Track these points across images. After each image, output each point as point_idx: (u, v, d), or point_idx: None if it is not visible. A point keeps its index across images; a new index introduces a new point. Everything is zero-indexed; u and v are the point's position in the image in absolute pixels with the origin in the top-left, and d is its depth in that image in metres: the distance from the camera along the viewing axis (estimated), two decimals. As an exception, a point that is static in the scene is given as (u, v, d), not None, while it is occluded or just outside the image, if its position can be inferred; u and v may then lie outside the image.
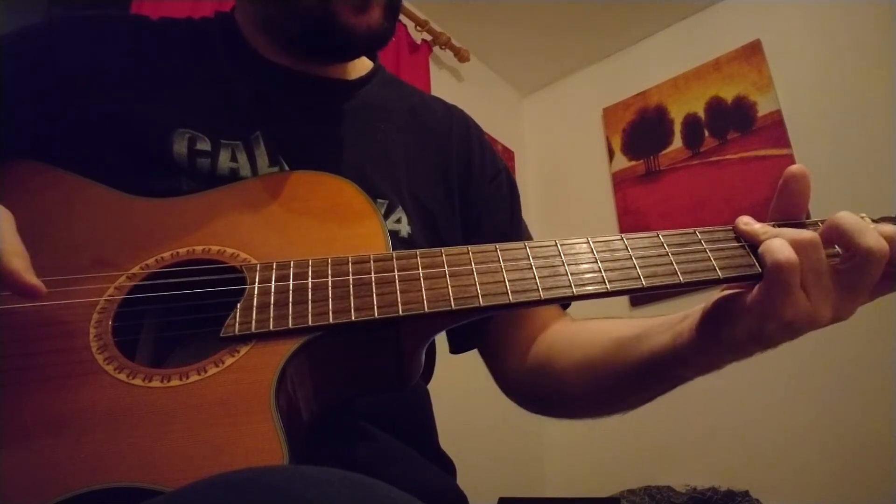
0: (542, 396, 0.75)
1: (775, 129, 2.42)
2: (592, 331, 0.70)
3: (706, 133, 2.61)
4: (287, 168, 0.67)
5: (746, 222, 0.53)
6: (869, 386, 1.94)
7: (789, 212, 0.54)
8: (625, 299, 2.48)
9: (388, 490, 0.37)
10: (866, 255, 0.48)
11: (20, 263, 0.46)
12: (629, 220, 2.68)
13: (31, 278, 0.46)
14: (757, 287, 0.49)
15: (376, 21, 0.67)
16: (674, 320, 0.59)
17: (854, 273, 0.49)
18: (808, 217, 0.54)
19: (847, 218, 0.49)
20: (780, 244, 0.48)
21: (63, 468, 0.42)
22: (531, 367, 0.74)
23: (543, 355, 0.73)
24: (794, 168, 0.53)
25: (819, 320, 0.49)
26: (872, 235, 0.48)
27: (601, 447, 2.34)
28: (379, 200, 0.68)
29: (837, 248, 0.50)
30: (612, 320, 0.70)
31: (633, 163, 2.78)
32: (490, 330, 0.77)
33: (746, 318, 0.50)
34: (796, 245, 0.48)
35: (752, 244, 0.52)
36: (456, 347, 0.80)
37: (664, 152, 2.70)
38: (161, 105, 0.67)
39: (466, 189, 0.79)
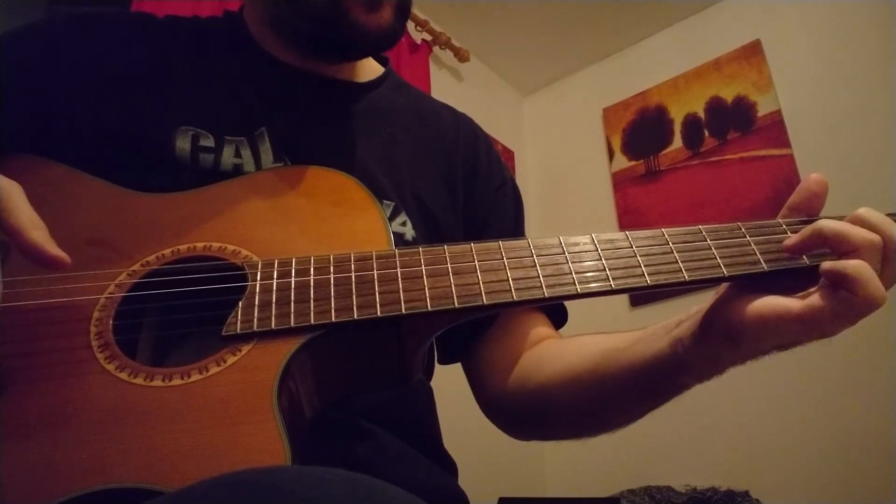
0: (524, 413, 0.72)
1: (775, 129, 2.42)
2: (581, 342, 0.68)
3: (706, 133, 2.61)
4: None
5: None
6: (869, 386, 1.94)
7: (805, 211, 0.52)
8: (625, 300, 2.48)
9: (390, 490, 0.36)
10: None
11: (41, 235, 0.46)
12: (629, 220, 2.68)
13: (53, 249, 0.46)
14: (823, 303, 0.45)
15: (387, 20, 0.67)
16: (669, 325, 0.57)
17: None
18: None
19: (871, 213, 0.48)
20: (873, 277, 0.45)
21: (64, 469, 0.41)
22: (514, 381, 0.71)
23: (528, 368, 0.71)
24: (815, 175, 0.52)
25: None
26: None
27: (601, 447, 2.30)
28: (385, 202, 0.68)
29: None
30: (605, 334, 0.67)
31: (633, 163, 2.78)
32: (476, 345, 0.75)
33: (787, 326, 0.47)
34: (870, 250, 0.46)
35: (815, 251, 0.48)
36: (440, 358, 0.78)
37: (664, 152, 2.70)
38: (164, 103, 0.66)
39: (471, 195, 0.78)
